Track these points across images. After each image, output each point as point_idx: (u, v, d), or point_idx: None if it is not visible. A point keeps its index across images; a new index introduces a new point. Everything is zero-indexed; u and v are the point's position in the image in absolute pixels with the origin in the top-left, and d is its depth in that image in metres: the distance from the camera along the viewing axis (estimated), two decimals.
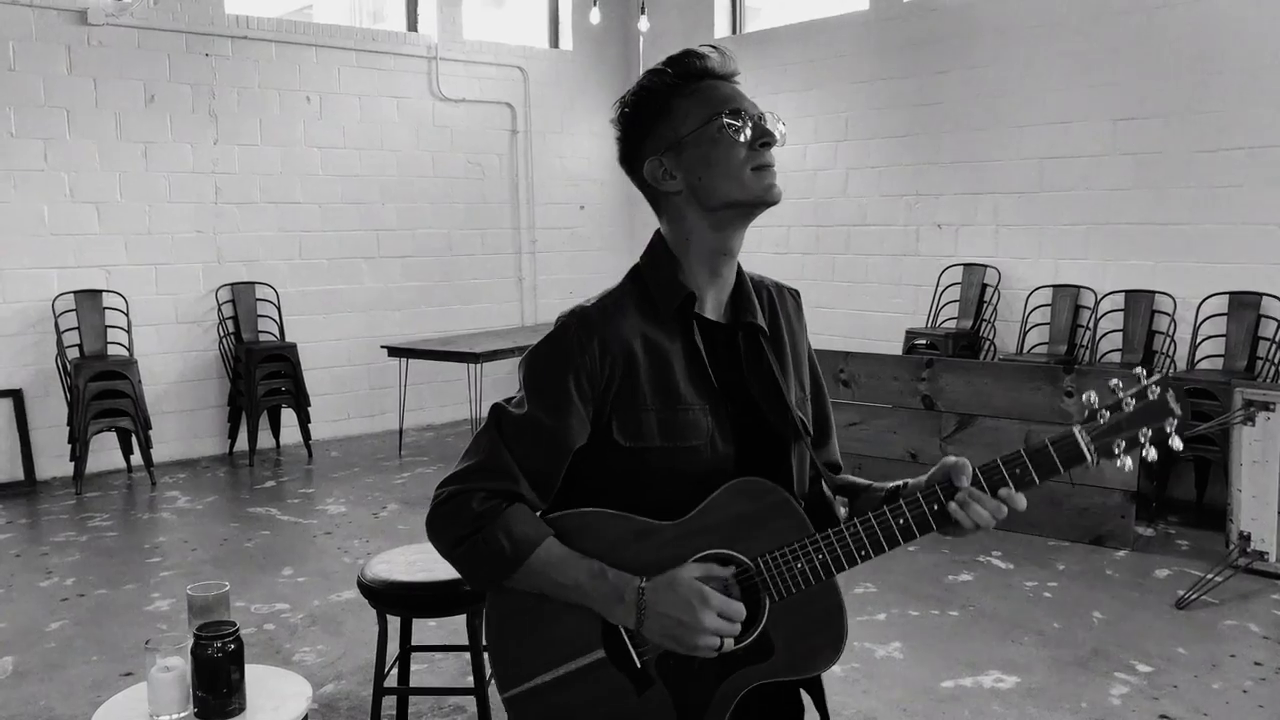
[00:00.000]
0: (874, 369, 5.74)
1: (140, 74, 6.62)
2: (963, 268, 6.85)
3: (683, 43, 1.80)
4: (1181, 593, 4.27)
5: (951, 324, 6.80)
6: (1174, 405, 1.37)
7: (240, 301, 7.04)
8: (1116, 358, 6.01)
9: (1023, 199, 6.59)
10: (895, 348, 6.88)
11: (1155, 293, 5.94)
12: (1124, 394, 1.39)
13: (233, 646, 2.11)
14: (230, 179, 7.02)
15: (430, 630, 3.95)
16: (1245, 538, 4.54)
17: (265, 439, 7.08)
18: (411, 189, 7.89)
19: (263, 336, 7.10)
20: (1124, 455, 1.38)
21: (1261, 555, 4.50)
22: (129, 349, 6.52)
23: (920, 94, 7.07)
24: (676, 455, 1.44)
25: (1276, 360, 5.44)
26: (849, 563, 1.40)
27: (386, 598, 2.80)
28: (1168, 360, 5.81)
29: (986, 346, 6.69)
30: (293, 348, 6.99)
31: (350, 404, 7.70)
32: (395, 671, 3.18)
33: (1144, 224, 6.03)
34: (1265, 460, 4.48)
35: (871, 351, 6.40)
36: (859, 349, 6.42)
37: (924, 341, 6.66)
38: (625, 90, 1.51)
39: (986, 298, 6.72)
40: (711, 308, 1.51)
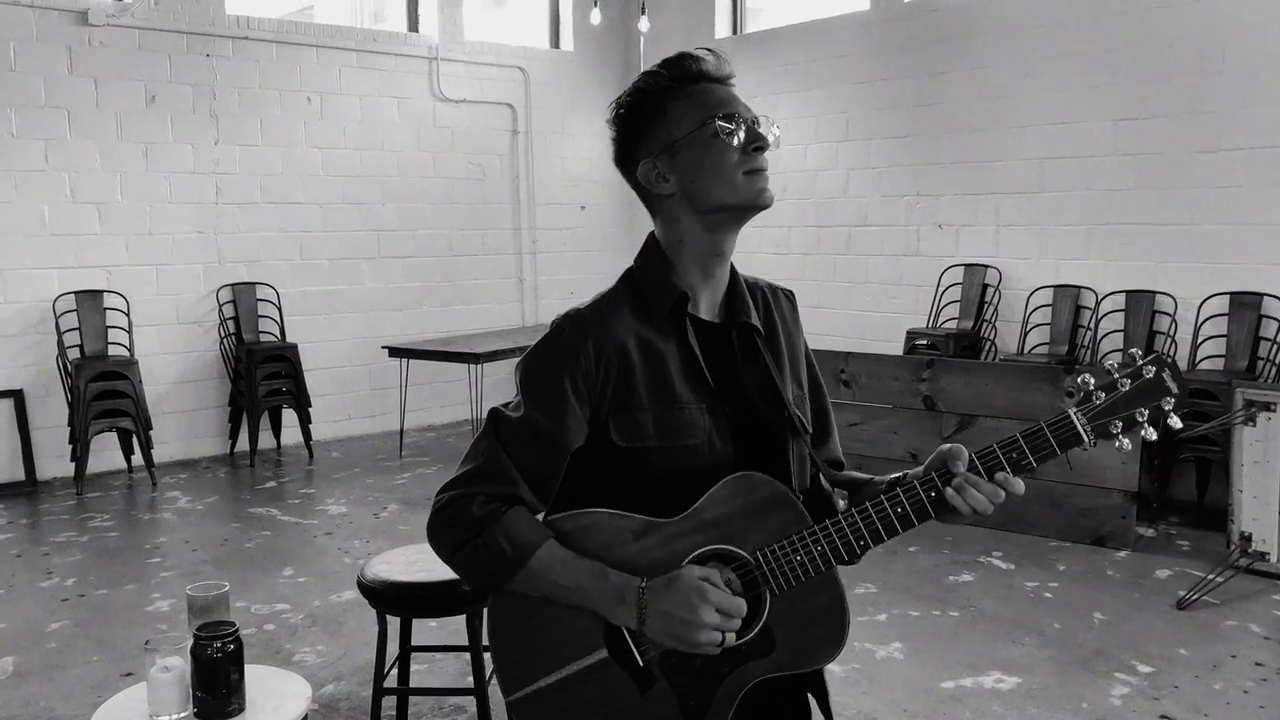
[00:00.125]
0: (875, 369, 5.74)
1: (141, 74, 6.63)
2: (963, 268, 6.85)
3: (683, 43, 1.80)
4: (1182, 593, 4.27)
5: (952, 324, 6.80)
6: (1170, 383, 1.36)
7: (241, 302, 7.04)
8: (1117, 358, 5.98)
9: (1023, 199, 6.59)
10: (896, 348, 6.88)
11: (1156, 293, 5.94)
12: (1119, 374, 1.39)
13: (232, 647, 2.11)
14: (231, 179, 7.03)
15: (430, 630, 3.95)
16: (1246, 538, 4.54)
17: (266, 439, 7.09)
18: (412, 189, 7.89)
19: (263, 337, 7.10)
20: (1122, 436, 1.37)
21: (1262, 556, 4.50)
22: (130, 349, 6.52)
23: (921, 94, 7.06)
24: (675, 454, 1.44)
25: (1277, 360, 5.44)
26: (848, 553, 1.40)
27: (386, 598, 2.80)
28: None
29: (987, 347, 6.69)
30: (293, 348, 6.99)
31: (351, 404, 7.70)
32: (395, 672, 3.18)
33: (1144, 224, 6.02)
34: (1266, 460, 4.48)
35: (872, 352, 6.40)
36: (860, 349, 6.43)
37: (925, 342, 6.65)
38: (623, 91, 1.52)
39: (987, 298, 6.71)
40: (705, 308, 1.51)
